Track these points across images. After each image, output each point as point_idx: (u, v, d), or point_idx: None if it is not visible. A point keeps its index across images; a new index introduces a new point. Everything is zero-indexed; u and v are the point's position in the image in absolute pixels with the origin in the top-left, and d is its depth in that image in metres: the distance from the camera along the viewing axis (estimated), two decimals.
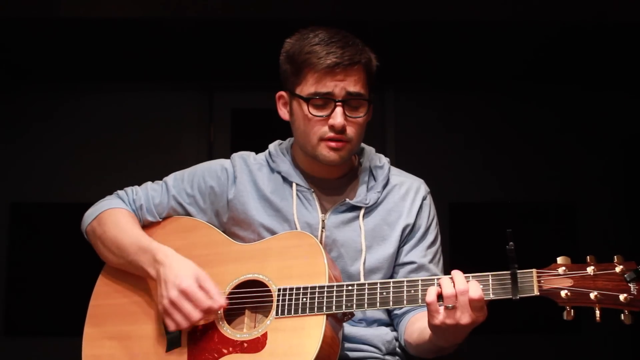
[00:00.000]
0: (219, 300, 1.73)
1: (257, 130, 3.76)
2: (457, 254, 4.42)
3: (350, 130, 1.81)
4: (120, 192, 2.00)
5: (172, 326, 1.74)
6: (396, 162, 2.07)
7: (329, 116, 1.79)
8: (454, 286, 1.57)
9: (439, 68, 4.68)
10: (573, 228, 4.84)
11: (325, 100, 1.79)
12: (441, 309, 1.58)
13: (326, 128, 1.80)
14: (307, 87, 1.80)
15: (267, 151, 1.98)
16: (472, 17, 3.98)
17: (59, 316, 4.28)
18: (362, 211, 1.88)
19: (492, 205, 4.83)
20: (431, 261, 1.91)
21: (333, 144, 1.81)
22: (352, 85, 1.79)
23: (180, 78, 4.80)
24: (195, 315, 1.71)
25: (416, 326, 1.81)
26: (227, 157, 2.01)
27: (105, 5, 3.91)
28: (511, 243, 1.55)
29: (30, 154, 4.76)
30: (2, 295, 4.62)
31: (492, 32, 4.15)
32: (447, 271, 1.95)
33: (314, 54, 1.77)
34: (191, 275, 1.74)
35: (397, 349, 1.91)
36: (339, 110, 1.78)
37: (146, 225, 1.96)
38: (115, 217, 1.92)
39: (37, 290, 4.60)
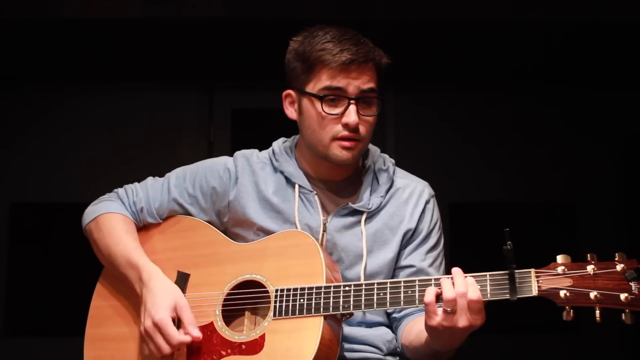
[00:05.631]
0: (193, 333, 1.71)
1: (257, 130, 3.76)
2: (457, 254, 4.41)
3: (363, 129, 1.79)
4: (120, 191, 1.97)
5: (146, 351, 1.75)
6: (396, 162, 2.05)
7: (342, 114, 1.77)
8: (454, 287, 1.54)
9: (439, 67, 4.68)
10: (573, 228, 4.84)
11: (338, 98, 1.77)
12: (439, 310, 1.55)
13: (339, 127, 1.77)
14: (320, 84, 1.77)
15: (270, 149, 1.95)
16: (472, 17, 3.97)
17: (59, 316, 4.28)
18: (364, 216, 1.85)
19: (492, 205, 4.83)
20: (431, 265, 1.88)
21: (346, 144, 1.78)
22: (365, 83, 1.77)
23: (180, 78, 4.81)
24: (166, 349, 1.70)
25: (414, 330, 1.79)
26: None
27: (105, 5, 3.91)
28: (509, 242, 1.51)
29: (30, 154, 4.76)
30: (2, 295, 4.62)
31: (492, 32, 4.15)
32: (447, 273, 1.95)
33: (327, 51, 1.75)
34: (168, 306, 1.72)
35: (398, 349, 1.89)
36: (352, 108, 1.76)
37: (146, 226, 1.95)
38: (111, 224, 1.90)
39: (37, 290, 4.61)
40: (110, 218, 1.91)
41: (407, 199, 1.90)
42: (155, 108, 4.87)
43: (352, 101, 1.76)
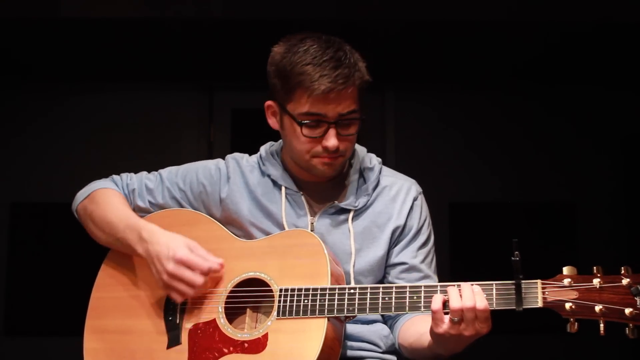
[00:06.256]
0: (216, 260, 1.75)
1: (257, 130, 3.75)
2: (456, 254, 4.43)
3: (343, 146, 1.79)
4: (114, 176, 2.02)
5: (178, 298, 1.76)
6: (396, 162, 2.06)
7: (322, 137, 1.77)
8: (461, 299, 1.55)
9: (439, 68, 4.68)
10: (573, 228, 4.84)
11: (317, 121, 1.76)
12: (446, 318, 1.56)
13: (319, 148, 1.78)
14: (300, 108, 1.76)
15: (258, 153, 1.98)
16: (472, 17, 3.98)
17: (59, 316, 4.28)
18: (352, 214, 1.87)
19: (492, 205, 4.82)
20: (422, 262, 1.89)
21: (326, 159, 1.80)
22: (345, 107, 1.75)
23: (180, 78, 4.81)
24: (198, 279, 1.73)
25: (412, 331, 1.79)
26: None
27: (105, 5, 3.91)
28: (517, 253, 1.53)
29: (30, 154, 4.76)
30: (2, 295, 4.62)
31: (492, 32, 4.15)
32: (443, 271, 1.95)
33: (307, 75, 1.72)
34: (182, 245, 1.76)
35: (395, 346, 1.89)
36: (332, 132, 1.76)
37: (146, 218, 1.95)
38: (106, 196, 1.94)
39: (37, 290, 4.60)
40: (105, 192, 1.96)
41: (394, 196, 1.91)
42: (155, 108, 4.87)
43: (331, 125, 1.76)
